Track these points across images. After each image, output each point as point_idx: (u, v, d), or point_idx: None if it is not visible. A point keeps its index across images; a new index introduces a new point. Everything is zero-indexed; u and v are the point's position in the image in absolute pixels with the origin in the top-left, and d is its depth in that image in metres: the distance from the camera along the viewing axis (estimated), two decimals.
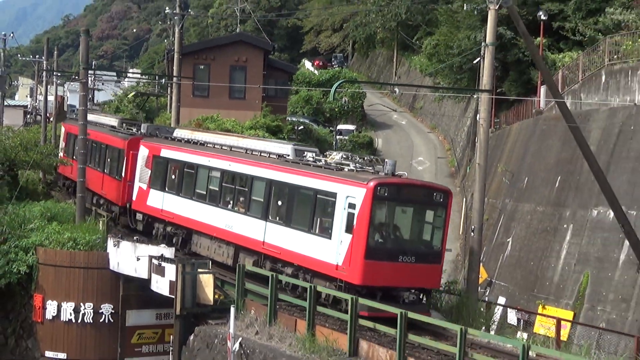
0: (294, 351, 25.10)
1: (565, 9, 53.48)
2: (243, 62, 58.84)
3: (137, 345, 35.65)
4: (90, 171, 40.48)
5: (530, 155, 46.82)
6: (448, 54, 63.46)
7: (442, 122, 73.83)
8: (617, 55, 42.67)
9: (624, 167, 36.28)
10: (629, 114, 38.17)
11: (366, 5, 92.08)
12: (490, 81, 31.09)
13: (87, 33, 44.87)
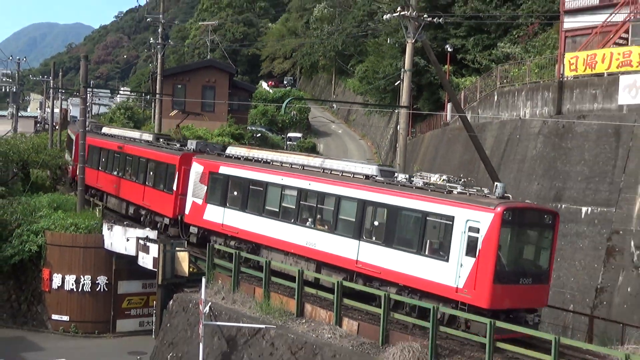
0: (253, 313, 25.09)
1: (466, 44, 53.96)
2: (212, 82, 59.03)
3: (126, 309, 35.61)
4: (126, 182, 37.54)
5: (439, 158, 47.13)
6: (375, 77, 63.78)
7: (370, 132, 74.03)
8: (506, 79, 43.21)
9: (511, 168, 36.74)
10: (515, 126, 38.66)
11: (310, 38, 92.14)
12: (408, 99, 31.21)
13: (86, 58, 44.78)
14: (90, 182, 41.13)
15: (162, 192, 32.94)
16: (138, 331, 35.21)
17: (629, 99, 32.72)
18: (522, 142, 37.44)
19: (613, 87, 33.42)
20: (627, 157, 31.62)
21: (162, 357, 27.53)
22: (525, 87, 39.55)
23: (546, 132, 36.15)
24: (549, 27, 48.42)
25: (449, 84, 42.82)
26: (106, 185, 40.22)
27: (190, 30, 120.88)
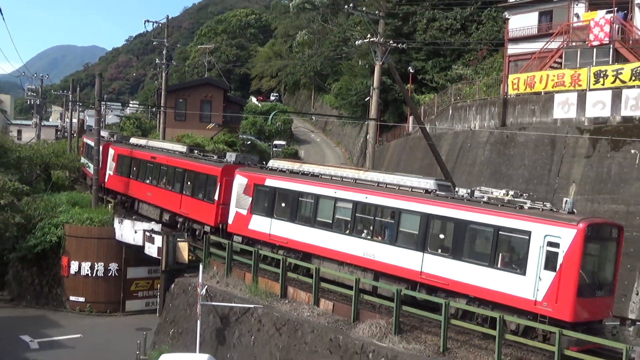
0: (243, 294, 25.12)
1: (426, 66, 54.16)
2: (209, 97, 58.82)
3: (134, 291, 35.50)
4: (161, 190, 34.20)
5: (402, 163, 47.22)
6: (348, 94, 63.85)
7: (344, 140, 74.05)
8: (459, 96, 43.40)
9: (463, 171, 36.89)
10: (466, 136, 38.84)
11: (293, 60, 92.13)
12: (376, 113, 31.30)
13: (100, 76, 44.59)
14: (121, 189, 38.86)
15: (202, 202, 29.93)
16: (144, 310, 35.04)
17: (562, 113, 33.05)
18: (472, 150, 37.66)
19: (549, 104, 33.73)
20: (561, 162, 31.87)
21: (165, 332, 27.41)
22: (475, 103, 39.77)
23: (492, 141, 36.36)
24: (496, 52, 48.77)
25: (411, 100, 42.98)
26: (138, 193, 36.93)
27: (191, 52, 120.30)
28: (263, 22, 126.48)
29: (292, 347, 21.69)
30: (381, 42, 29.88)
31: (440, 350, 18.92)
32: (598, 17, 34.75)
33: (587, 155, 30.80)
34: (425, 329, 20.57)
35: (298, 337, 21.69)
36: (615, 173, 29.50)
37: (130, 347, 26.82)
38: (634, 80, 30.68)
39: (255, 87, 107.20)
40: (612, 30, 34.04)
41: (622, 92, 30.59)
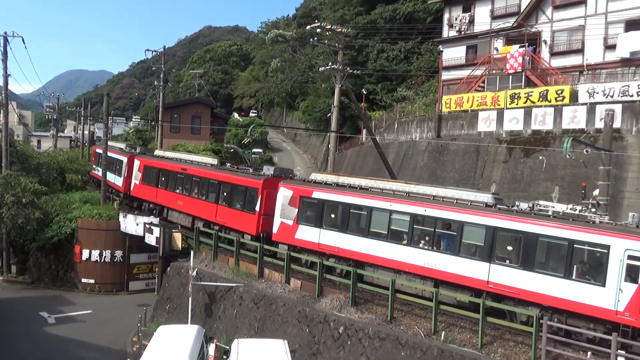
0: (227, 275, 24.94)
1: (376, 88, 54.51)
2: (199, 113, 58.36)
3: (136, 274, 34.97)
4: (193, 200, 30.44)
5: (357, 168, 47.41)
6: (313, 110, 63.93)
7: (310, 148, 73.92)
8: (403, 113, 43.74)
9: (406, 174, 37.18)
10: (409, 145, 39.19)
11: (268, 83, 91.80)
12: (336, 126, 31.36)
13: (108, 95, 43.86)
14: (147, 197, 35.30)
15: (241, 212, 26.55)
16: (145, 290, 34.56)
17: (484, 127, 33.61)
18: (413, 157, 38.02)
19: (474, 119, 34.26)
20: (484, 166, 32.39)
21: (162, 307, 27.05)
22: (416, 119, 40.16)
23: (430, 150, 36.78)
24: (432, 78, 49.35)
25: (364, 116, 43.20)
26: (167, 201, 33.19)
27: (184, 76, 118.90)
28: (243, 52, 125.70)
29: (267, 318, 21.63)
30: (340, 69, 30.00)
31: (388, 319, 19.10)
32: (513, 50, 35.46)
33: (505, 161, 31.39)
34: (376, 301, 20.69)
35: (272, 310, 21.63)
36: (526, 175, 30.13)
37: (133, 320, 26.42)
38: (541, 101, 31.40)
39: (237, 105, 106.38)
40: (524, 61, 34.78)
41: (532, 111, 31.27)
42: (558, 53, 35.73)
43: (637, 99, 27.79)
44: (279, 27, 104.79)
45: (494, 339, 17.30)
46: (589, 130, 28.11)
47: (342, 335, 19.00)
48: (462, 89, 38.32)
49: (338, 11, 64.51)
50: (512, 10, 38.89)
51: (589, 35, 34.23)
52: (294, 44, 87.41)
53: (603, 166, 19.34)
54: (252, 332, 21.70)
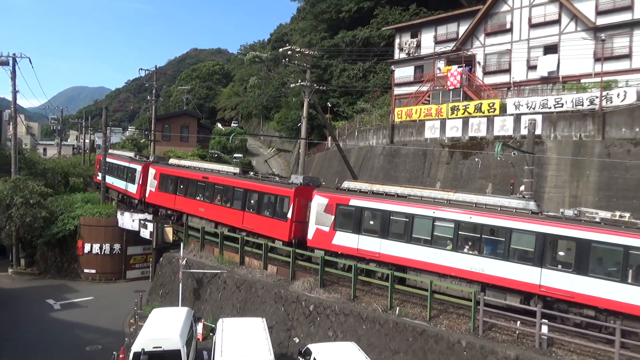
0: (213, 263, 24.51)
1: (339, 102, 54.53)
2: (187, 124, 57.37)
3: (133, 264, 33.95)
4: (217, 207, 27.08)
5: (324, 169, 47.32)
6: (286, 121, 63.63)
7: (284, 153, 73.59)
8: (362, 123, 43.83)
9: (365, 174, 37.26)
10: (367, 150, 39.28)
11: (247, 97, 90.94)
12: (305, 134, 31.14)
13: (106, 109, 42.81)
14: (165, 203, 31.87)
15: (272, 219, 23.54)
16: (140, 277, 33.67)
17: (430, 134, 33.97)
18: (371, 160, 38.14)
19: (422, 128, 34.59)
20: (430, 167, 32.71)
21: (156, 293, 26.46)
22: (373, 127, 40.33)
23: (385, 153, 36.97)
24: (386, 93, 49.65)
25: (329, 125, 43.11)
26: (187, 208, 29.65)
27: (173, 92, 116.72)
28: (225, 71, 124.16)
29: (248, 299, 21.38)
30: (308, 85, 29.86)
31: (351, 298, 19.11)
32: (453, 70, 35.96)
33: (447, 162, 31.78)
34: (341, 283, 20.71)
35: (252, 292, 21.39)
36: (465, 174, 30.57)
37: (130, 304, 25.74)
38: (477, 112, 31.91)
39: (220, 117, 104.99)
40: (462, 79, 35.31)
41: (469, 120, 31.75)
42: (490, 72, 36.40)
43: (554, 110, 28.53)
44: (256, 49, 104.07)
45: (440, 312, 17.50)
46: (516, 136, 28.70)
47: (313, 312, 18.93)
48: (411, 102, 38.68)
49: (306, 36, 64.34)
50: (451, 36, 39.48)
51: (514, 58, 35.00)
52: (269, 64, 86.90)
53: (527, 166, 19.74)
54: (235, 312, 21.43)
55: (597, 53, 30.81)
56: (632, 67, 29.89)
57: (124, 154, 40.32)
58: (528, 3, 34.42)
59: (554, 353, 14.45)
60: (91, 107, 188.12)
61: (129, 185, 36.24)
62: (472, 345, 14.99)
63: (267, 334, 15.99)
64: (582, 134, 27.02)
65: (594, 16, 31.59)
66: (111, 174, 39.37)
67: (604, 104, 26.70)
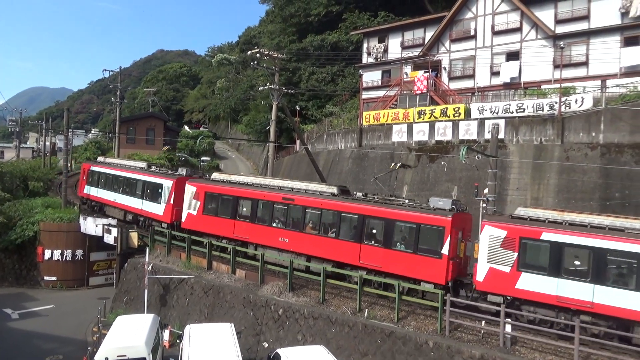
0: (180, 268, 24.13)
1: (308, 105, 54.59)
2: (153, 126, 56.18)
3: (96, 270, 33.12)
4: (307, 236, 21.24)
5: (292, 172, 47.20)
6: (255, 124, 63.19)
7: (252, 156, 72.93)
8: (330, 126, 44.01)
9: (334, 177, 37.39)
10: (336, 153, 39.42)
11: (215, 100, 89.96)
12: (274, 137, 31.08)
13: (68, 110, 41.29)
14: (215, 230, 24.63)
15: (413, 255, 18.10)
16: (104, 284, 32.80)
17: (397, 138, 34.41)
18: (340, 163, 38.31)
19: (389, 131, 34.99)
20: (397, 171, 33.12)
21: (120, 299, 25.77)
22: (342, 131, 40.52)
23: (353, 157, 37.20)
24: (354, 96, 50.03)
25: (298, 128, 43.15)
26: (257, 237, 23.02)
27: (139, 93, 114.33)
28: (193, 73, 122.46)
29: (216, 305, 21.09)
30: (277, 88, 29.82)
31: (320, 301, 19.11)
32: (419, 75, 36.57)
33: (414, 166, 32.25)
34: (310, 286, 20.68)
35: (220, 297, 21.12)
36: (431, 177, 31.09)
37: (93, 312, 25.02)
38: (442, 117, 32.54)
39: (187, 119, 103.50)
40: (429, 83, 35.95)
41: (435, 124, 32.32)
42: (455, 77, 37.20)
43: (516, 115, 29.39)
44: (224, 51, 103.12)
45: (408, 314, 17.71)
46: (480, 140, 29.39)
47: (282, 316, 18.84)
48: (379, 106, 39.08)
49: (275, 39, 64.22)
50: (418, 42, 40.17)
51: (478, 64, 35.89)
52: (237, 66, 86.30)
53: (491, 169, 20.23)
54: (203, 318, 21.10)
55: (556, 60, 31.95)
56: (589, 74, 31.14)
57: (130, 164, 32.96)
58: (491, 11, 35.40)
59: (517, 351, 14.84)
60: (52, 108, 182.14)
61: (149, 205, 28.55)
62: (439, 345, 15.23)
63: (236, 340, 15.81)
64: (542, 138, 27.94)
65: (553, 25, 32.76)
66: (107, 187, 33.18)
67: (563, 110, 27.70)
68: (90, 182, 35.50)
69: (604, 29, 30.65)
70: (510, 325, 15.39)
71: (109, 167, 34.20)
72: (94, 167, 35.67)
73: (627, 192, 24.19)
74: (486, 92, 35.11)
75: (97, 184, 34.61)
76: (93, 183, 35.05)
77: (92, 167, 35.82)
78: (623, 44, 30.11)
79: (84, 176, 36.38)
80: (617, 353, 14.01)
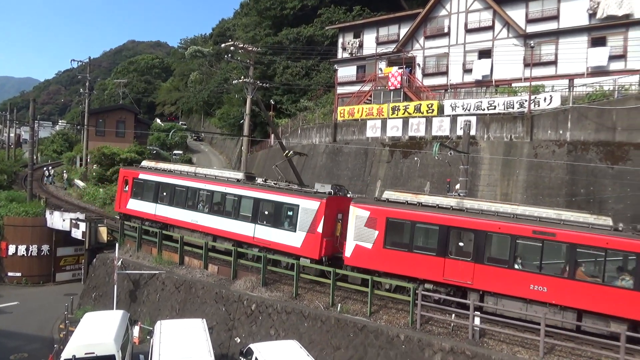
0: (151, 264, 23.77)
1: (282, 99, 54.32)
2: (123, 118, 54.78)
3: (63, 266, 32.30)
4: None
5: (267, 166, 46.95)
6: (228, 117, 62.56)
7: (225, 150, 72.21)
8: (305, 121, 43.93)
9: (308, 172, 37.38)
10: (310, 148, 39.37)
11: (188, 93, 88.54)
12: (248, 131, 30.89)
13: (34, 101, 39.89)
14: (413, 271, 17.54)
15: None
16: (71, 280, 32.02)
17: (371, 133, 34.64)
18: (314, 157, 38.33)
19: (363, 127, 35.20)
20: (371, 166, 33.36)
21: (89, 296, 25.23)
22: (316, 126, 40.54)
23: (328, 152, 37.28)
24: (329, 91, 50.03)
25: (272, 122, 42.85)
26: (488, 282, 16.40)
27: (108, 85, 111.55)
28: (165, 64, 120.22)
29: (188, 300, 20.87)
30: (251, 82, 29.58)
31: (294, 296, 19.13)
32: (394, 70, 36.84)
33: (388, 161, 32.55)
34: (283, 281, 20.66)
35: (192, 292, 20.91)
36: (405, 172, 31.45)
37: (60, 309, 24.35)
38: (416, 113, 32.91)
39: (159, 112, 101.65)
40: (402, 80, 36.27)
41: (409, 120, 32.67)
42: (429, 74, 37.63)
43: (487, 112, 29.96)
44: (197, 43, 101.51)
45: (380, 307, 17.91)
46: (452, 136, 29.87)
47: (254, 311, 18.78)
48: (353, 102, 39.21)
49: (249, 32, 63.58)
50: (393, 38, 40.43)
51: (452, 61, 36.38)
52: (210, 59, 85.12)
53: (463, 165, 20.59)
54: (174, 314, 20.85)
55: (526, 59, 32.66)
56: (558, 73, 31.97)
57: (215, 174, 24.87)
58: (465, 9, 35.90)
59: (485, 343, 15.20)
60: (17, 98, 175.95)
61: (271, 232, 21.16)
62: (410, 338, 15.46)
63: (207, 335, 15.69)
64: (512, 135, 28.57)
65: (524, 24, 33.46)
66: (176, 203, 25.16)
67: (533, 108, 28.38)
68: (138, 195, 27.05)
69: (573, 29, 31.49)
70: (479, 318, 15.74)
71: (174, 176, 25.77)
72: (144, 174, 27.13)
73: (591, 188, 24.99)
74: (459, 89, 35.64)
75: (155, 198, 26.16)
76: (145, 196, 26.57)
77: (141, 175, 27.20)
78: (590, 45, 31.01)
79: (127, 186, 27.74)
80: (580, 344, 14.51)
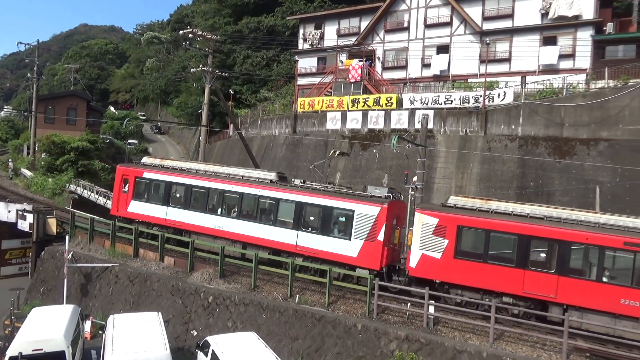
0: (103, 256, 23.07)
1: (242, 89, 53.64)
2: (75, 106, 52.38)
3: (9, 259, 30.53)
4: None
5: (225, 157, 46.37)
6: (186, 107, 61.19)
7: (183, 140, 70.61)
8: (265, 112, 43.63)
9: (267, 163, 37.19)
10: (270, 139, 39.22)
11: (144, 80, 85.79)
12: (206, 121, 30.38)
13: None
14: (489, 284, 16.19)
15: None
16: (18, 274, 30.45)
17: (331, 125, 34.80)
18: (274, 149, 38.17)
19: (324, 119, 35.30)
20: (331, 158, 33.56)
21: (37, 290, 24.19)
22: (276, 117, 40.34)
23: (287, 143, 37.19)
24: (289, 82, 49.83)
25: (232, 113, 42.30)
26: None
27: (59, 70, 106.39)
28: (119, 50, 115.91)
29: (142, 293, 20.38)
30: (210, 71, 29.03)
31: (252, 287, 19.06)
32: (354, 63, 37.05)
33: (347, 153, 32.81)
34: (242, 273, 20.54)
35: (147, 285, 20.43)
36: (364, 165, 31.82)
37: (5, 304, 23.20)
38: (375, 106, 33.28)
39: (113, 99, 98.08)
40: (363, 72, 36.55)
41: (368, 113, 33.01)
42: (388, 68, 38.08)
43: (444, 106, 30.66)
44: (154, 29, 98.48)
45: (338, 298, 18.11)
46: (410, 129, 30.42)
47: (212, 303, 18.58)
48: (314, 93, 39.21)
49: (209, 20, 62.21)
50: (354, 30, 40.59)
51: (411, 55, 36.95)
52: (168, 46, 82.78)
53: (420, 158, 21.01)
54: (128, 307, 20.32)
55: (482, 55, 33.59)
56: (511, 70, 33.07)
57: (242, 174, 22.18)
58: (424, 4, 36.46)
59: (439, 331, 15.68)
60: None
61: (320, 239, 19.15)
62: (367, 327, 15.74)
63: (163, 329, 15.40)
64: (467, 129, 29.39)
65: (480, 21, 34.36)
66: (194, 207, 22.49)
67: (487, 103, 29.27)
68: (141, 196, 24.06)
69: (526, 27, 32.61)
70: (433, 307, 16.20)
71: (190, 175, 22.91)
72: (150, 173, 24.00)
73: (540, 181, 26.12)
74: (417, 83, 36.27)
75: (165, 200, 23.33)
76: (152, 198, 23.71)
77: (145, 174, 24.05)
78: (542, 43, 32.22)
79: (126, 187, 24.55)
80: (527, 329, 15.22)
